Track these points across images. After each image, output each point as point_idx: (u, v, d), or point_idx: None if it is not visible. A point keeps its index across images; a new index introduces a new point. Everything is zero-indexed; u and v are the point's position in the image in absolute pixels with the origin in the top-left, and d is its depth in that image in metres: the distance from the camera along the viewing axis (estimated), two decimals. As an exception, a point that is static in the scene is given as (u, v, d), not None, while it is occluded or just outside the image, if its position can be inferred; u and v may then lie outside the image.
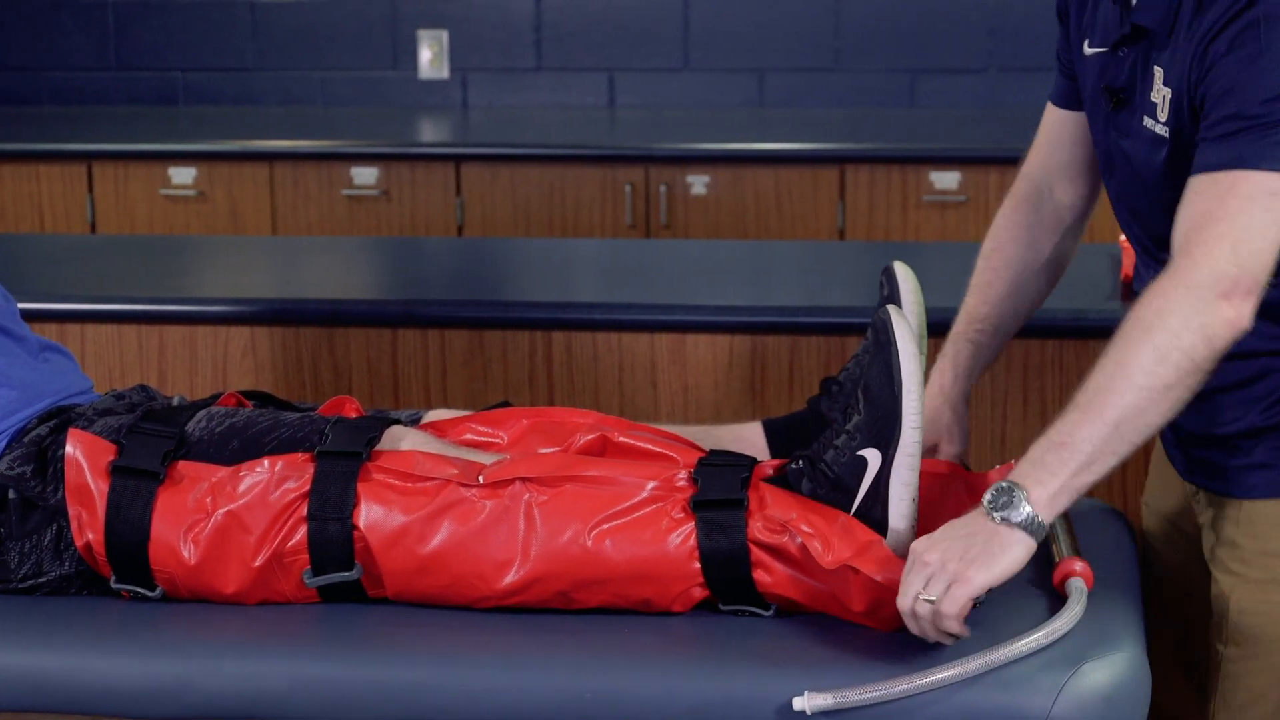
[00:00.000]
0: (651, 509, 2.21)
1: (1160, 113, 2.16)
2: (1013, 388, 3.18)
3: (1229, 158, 2.04)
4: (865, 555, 2.13)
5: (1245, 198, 2.03)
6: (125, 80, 6.01)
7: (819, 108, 5.65)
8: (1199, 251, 2.04)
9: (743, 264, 3.78)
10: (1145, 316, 2.04)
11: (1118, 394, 2.04)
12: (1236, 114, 2.04)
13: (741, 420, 2.64)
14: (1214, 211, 2.04)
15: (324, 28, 5.90)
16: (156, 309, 3.38)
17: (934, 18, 5.63)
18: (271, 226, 5.24)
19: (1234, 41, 2.05)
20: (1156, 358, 2.03)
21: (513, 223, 5.17)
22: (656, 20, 5.77)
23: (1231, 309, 2.03)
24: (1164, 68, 2.15)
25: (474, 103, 5.88)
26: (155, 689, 2.16)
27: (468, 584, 2.22)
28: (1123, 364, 2.04)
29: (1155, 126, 2.17)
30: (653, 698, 2.10)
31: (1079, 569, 2.22)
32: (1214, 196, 2.05)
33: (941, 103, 5.63)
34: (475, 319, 3.32)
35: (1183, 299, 2.03)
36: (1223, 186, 2.04)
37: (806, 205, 5.04)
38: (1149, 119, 2.18)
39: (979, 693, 2.05)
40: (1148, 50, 2.19)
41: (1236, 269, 2.03)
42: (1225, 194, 2.04)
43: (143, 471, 2.27)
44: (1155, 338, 2.03)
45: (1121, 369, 2.04)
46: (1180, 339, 2.03)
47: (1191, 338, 2.03)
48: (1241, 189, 2.04)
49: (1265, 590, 2.27)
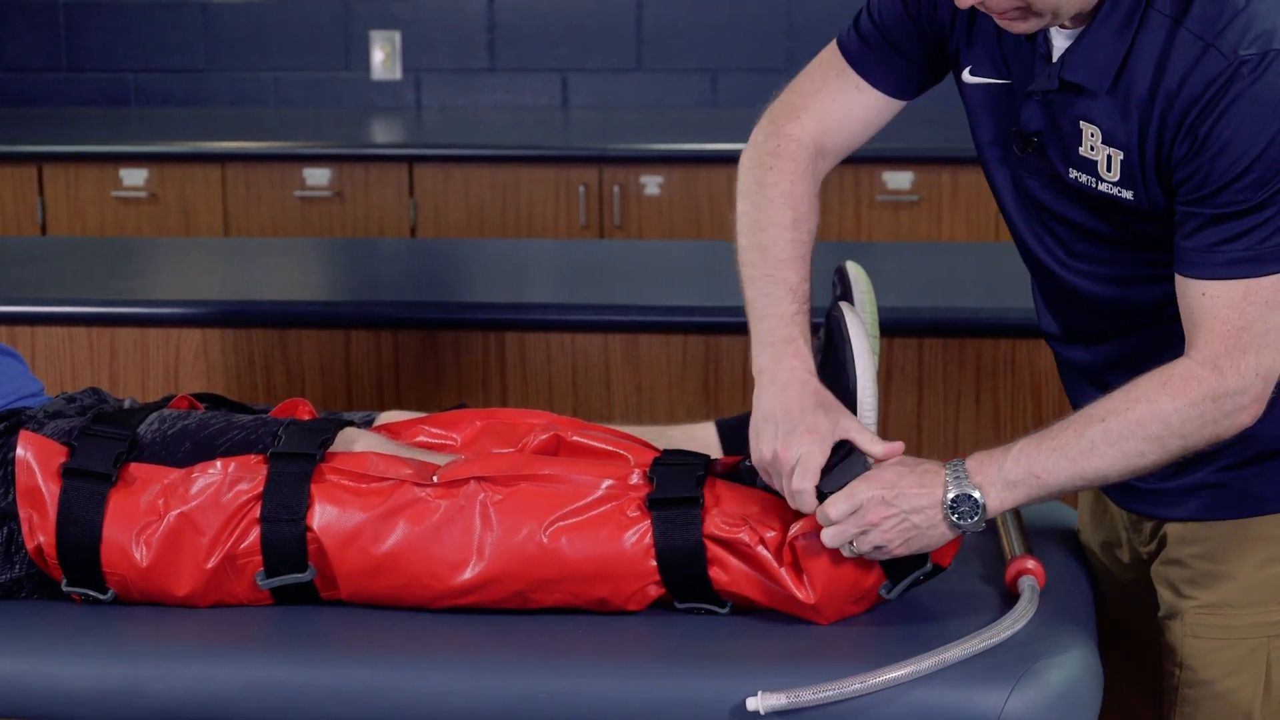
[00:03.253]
0: (607, 507, 2.21)
1: (1105, 171, 2.10)
2: (965, 388, 3.20)
3: (1240, 265, 2.02)
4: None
5: (1262, 304, 2.03)
6: (76, 81, 5.98)
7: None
8: (1226, 365, 2.04)
9: (696, 264, 3.78)
10: (1165, 415, 2.05)
11: (1105, 462, 2.07)
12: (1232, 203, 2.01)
13: (695, 420, 2.64)
14: (1234, 320, 2.03)
15: (276, 28, 5.88)
16: (108, 311, 3.37)
17: (886, 18, 5.64)
18: (224, 228, 5.23)
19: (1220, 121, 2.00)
20: (1159, 451, 2.07)
21: (466, 223, 5.17)
22: (609, 21, 5.77)
23: (1248, 416, 2.07)
24: (1100, 125, 2.09)
25: (427, 103, 5.88)
26: (106, 693, 2.15)
27: (422, 584, 2.22)
28: (1124, 444, 2.05)
29: (1101, 185, 2.11)
30: (607, 698, 2.10)
31: (1031, 567, 2.23)
32: (1230, 304, 2.03)
33: (894, 103, 5.64)
34: (428, 320, 3.32)
35: (1207, 412, 2.05)
36: (1237, 294, 2.03)
37: (760, 205, 5.03)
38: (1083, 174, 2.12)
39: (932, 691, 2.05)
40: (1072, 104, 2.11)
41: (1262, 382, 2.05)
42: (1242, 302, 2.03)
43: (94, 473, 2.25)
44: (1166, 441, 2.06)
45: (1120, 448, 2.06)
46: (1189, 443, 2.07)
47: (1200, 442, 2.07)
48: (1256, 295, 2.03)
49: (1218, 613, 2.27)
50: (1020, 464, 2.08)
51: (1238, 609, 2.25)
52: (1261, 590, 2.24)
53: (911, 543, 2.10)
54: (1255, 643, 2.25)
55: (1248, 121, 1.98)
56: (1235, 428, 2.07)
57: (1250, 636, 2.25)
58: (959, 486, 2.08)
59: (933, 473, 2.10)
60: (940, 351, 3.20)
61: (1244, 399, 2.05)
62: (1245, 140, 1.98)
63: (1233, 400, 2.04)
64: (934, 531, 2.10)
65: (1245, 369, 2.04)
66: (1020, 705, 2.04)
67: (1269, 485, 2.22)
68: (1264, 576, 2.24)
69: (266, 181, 5.22)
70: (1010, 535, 2.34)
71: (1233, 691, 2.26)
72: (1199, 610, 2.27)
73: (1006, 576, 2.24)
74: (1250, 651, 2.25)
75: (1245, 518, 2.24)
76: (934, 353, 3.20)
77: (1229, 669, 2.26)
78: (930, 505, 2.09)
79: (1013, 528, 2.35)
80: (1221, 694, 2.27)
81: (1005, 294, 3.32)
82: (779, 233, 2.31)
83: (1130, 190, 2.09)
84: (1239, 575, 2.25)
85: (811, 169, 2.35)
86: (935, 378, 3.21)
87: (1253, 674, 2.25)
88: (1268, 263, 2.02)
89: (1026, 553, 2.27)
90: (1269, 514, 2.23)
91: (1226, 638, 2.26)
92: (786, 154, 2.34)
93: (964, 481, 2.08)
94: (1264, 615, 2.24)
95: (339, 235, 5.19)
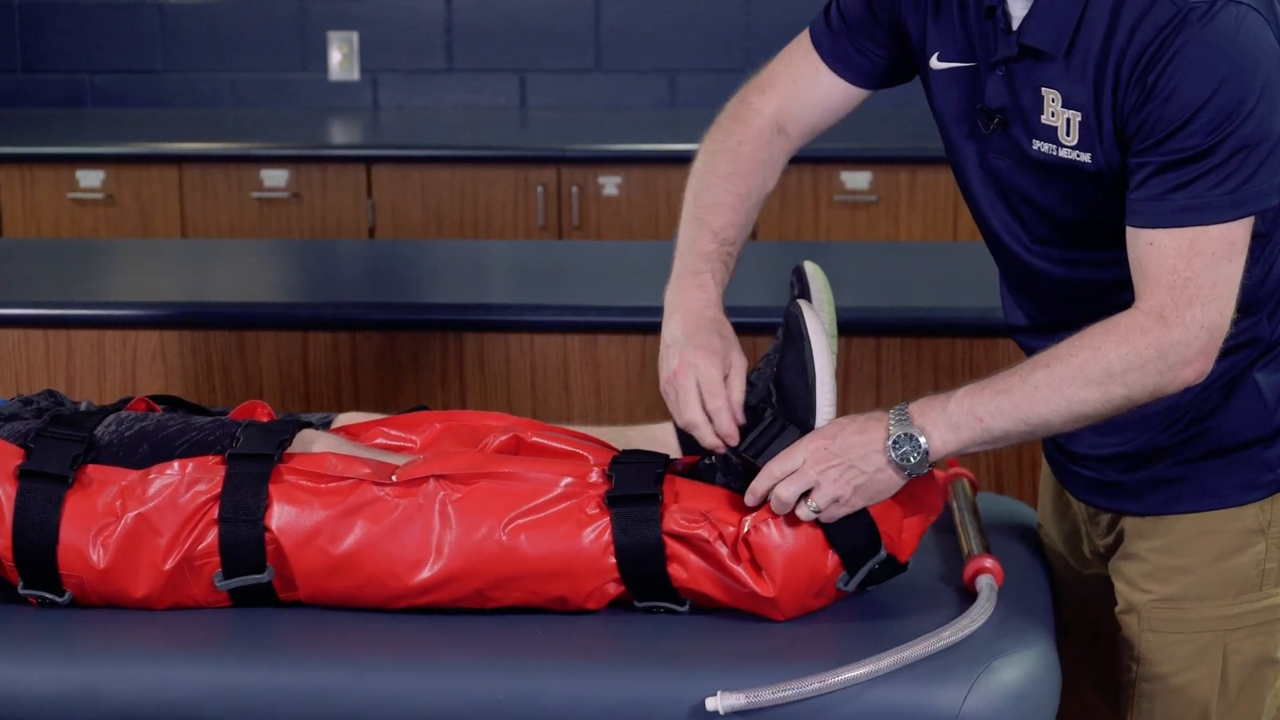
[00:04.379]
0: (566, 505, 2.21)
1: (1065, 136, 2.12)
2: (923, 386, 3.20)
3: (1187, 213, 2.04)
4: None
5: (1209, 255, 2.04)
6: (32, 82, 5.96)
7: (730, 109, 5.66)
8: (1172, 316, 2.05)
9: (655, 265, 3.76)
10: (1109, 361, 2.06)
11: (1049, 408, 2.08)
12: (1180, 150, 2.03)
13: (654, 420, 2.64)
14: (1180, 270, 2.04)
15: (233, 29, 5.87)
16: (64, 313, 3.35)
17: (844, 19, 5.66)
18: (181, 229, 5.21)
19: (1168, 68, 2.02)
20: (1102, 399, 2.07)
21: (424, 224, 5.16)
22: (567, 21, 5.77)
23: (1193, 371, 2.07)
24: (1060, 89, 2.12)
25: (385, 104, 5.87)
26: (63, 696, 2.14)
27: (381, 583, 2.21)
28: (1067, 388, 2.07)
29: (1061, 151, 2.13)
30: (566, 699, 2.10)
31: (989, 566, 2.24)
32: (1177, 254, 2.05)
33: (852, 103, 5.65)
34: (386, 321, 3.32)
35: (1150, 361, 2.05)
36: (1184, 244, 2.04)
37: (718, 206, 5.04)
38: (1043, 143, 2.15)
39: (891, 690, 2.06)
40: (1033, 71, 2.15)
41: (1207, 334, 2.05)
42: (1189, 252, 2.04)
43: (51, 475, 2.24)
44: (1109, 388, 2.06)
45: (1063, 392, 2.07)
46: (1132, 392, 2.07)
47: (1144, 393, 2.07)
48: (1203, 246, 2.04)
49: (1174, 607, 2.28)
50: (964, 406, 2.10)
51: (1194, 602, 2.26)
52: (1217, 584, 2.25)
53: (863, 490, 2.11)
54: (1211, 636, 2.26)
55: (1195, 67, 2.01)
56: (1180, 382, 2.07)
57: (1206, 630, 2.26)
58: (901, 427, 2.10)
59: (875, 419, 2.13)
60: (898, 351, 3.21)
61: (1188, 351, 2.05)
62: (1193, 86, 2.01)
63: (1177, 352, 2.05)
64: (881, 476, 2.11)
65: (1190, 320, 2.05)
66: (979, 703, 2.05)
67: (1225, 480, 2.24)
68: (1220, 570, 2.25)
69: (224, 183, 5.20)
70: (968, 534, 2.34)
71: (1189, 685, 2.27)
72: (1155, 604, 2.28)
73: (964, 575, 2.25)
74: (1206, 645, 2.26)
75: (1202, 511, 2.25)
76: (892, 352, 3.21)
77: (1185, 663, 2.27)
78: (874, 449, 2.10)
79: (971, 526, 2.36)
80: (1178, 688, 2.28)
81: (962, 294, 3.34)
82: (713, 181, 2.40)
83: (1089, 153, 2.11)
84: (1195, 569, 2.26)
85: (767, 138, 2.41)
86: (893, 377, 3.22)
87: (1209, 668, 2.27)
88: (1216, 211, 2.03)
89: (984, 551, 2.28)
90: (1225, 508, 2.25)
91: (1183, 631, 2.27)
92: (742, 119, 2.42)
93: (906, 423, 2.10)
94: (1220, 609, 2.26)
95: (297, 236, 5.18)
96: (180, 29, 5.88)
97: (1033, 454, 3.10)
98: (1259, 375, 2.22)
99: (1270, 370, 2.22)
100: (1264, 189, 2.04)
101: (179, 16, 5.87)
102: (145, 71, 5.92)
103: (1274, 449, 2.24)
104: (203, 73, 5.90)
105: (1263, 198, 2.05)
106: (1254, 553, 2.25)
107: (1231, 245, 2.05)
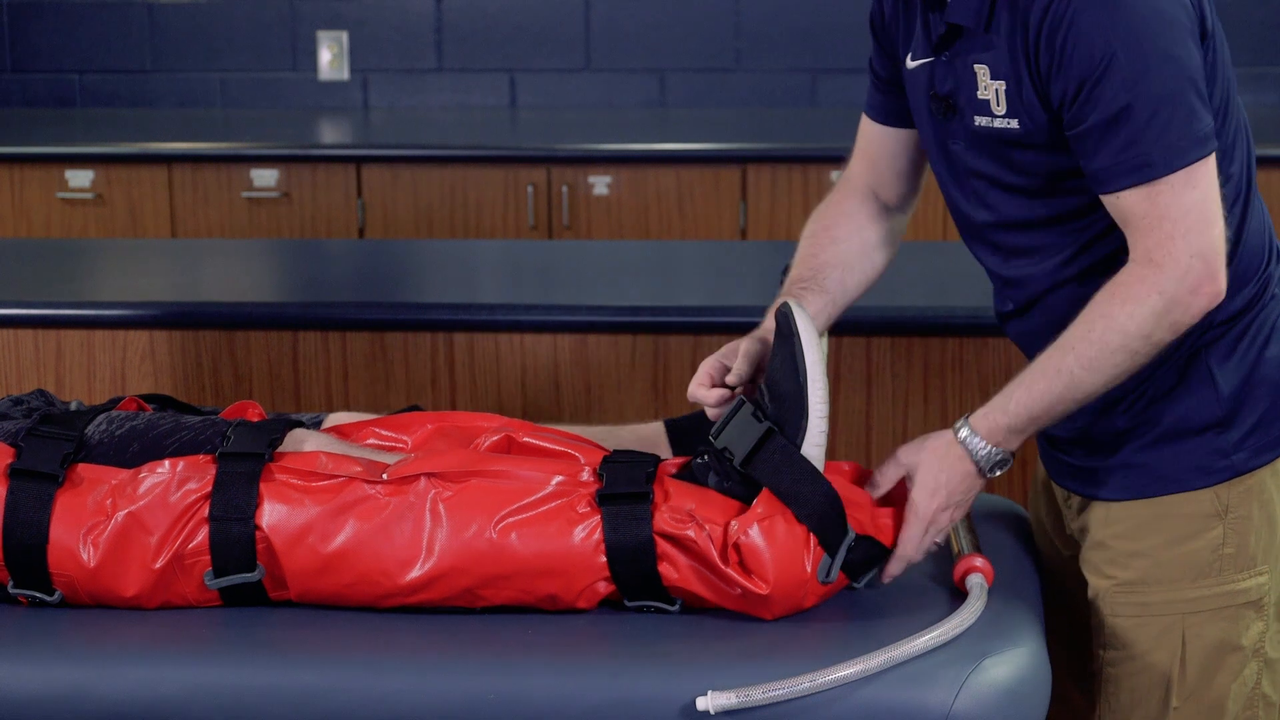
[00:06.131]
0: (557, 503, 2.21)
1: (996, 107, 2.21)
2: (914, 386, 3.21)
3: (1138, 170, 2.11)
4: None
5: (1170, 193, 2.11)
6: (21, 82, 5.95)
7: (720, 108, 5.67)
8: (1160, 255, 2.12)
9: (645, 264, 3.79)
10: (1123, 324, 2.14)
11: (1090, 387, 2.19)
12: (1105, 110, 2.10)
13: (644, 420, 2.64)
14: (1152, 213, 2.12)
15: (222, 29, 5.86)
16: (53, 313, 3.35)
17: (834, 17, 5.66)
18: (171, 229, 5.20)
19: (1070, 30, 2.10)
20: (1130, 358, 2.16)
21: (414, 224, 5.16)
22: (557, 20, 5.77)
23: (1204, 297, 2.13)
24: (987, 63, 2.20)
25: (374, 104, 5.86)
26: (53, 696, 2.14)
27: (372, 581, 2.21)
28: (1099, 365, 2.16)
29: (994, 122, 2.22)
30: (557, 698, 2.10)
31: (979, 565, 2.24)
32: (1145, 200, 2.12)
33: (843, 102, 5.66)
34: (377, 321, 3.31)
35: (1158, 308, 2.12)
36: (1143, 196, 2.12)
37: (709, 205, 5.05)
38: (981, 117, 2.23)
39: (881, 689, 2.06)
40: (966, 50, 2.23)
41: (1200, 261, 2.11)
42: (1152, 196, 2.11)
43: (41, 474, 2.24)
44: (1134, 345, 2.14)
45: (1097, 369, 2.17)
46: (1153, 338, 2.14)
47: (1168, 334, 2.15)
48: (1163, 188, 2.11)
49: (1135, 591, 2.30)
50: (1021, 414, 2.21)
51: (1152, 586, 2.30)
52: (1174, 568, 2.29)
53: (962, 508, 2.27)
54: (1170, 619, 2.29)
55: (1095, 23, 2.09)
56: (1197, 310, 2.14)
57: (1165, 613, 2.30)
58: (990, 457, 2.23)
59: (955, 454, 2.24)
60: (888, 350, 3.21)
61: (1189, 282, 2.12)
62: (1097, 41, 2.09)
63: (1177, 286, 2.11)
64: (973, 494, 2.27)
65: (1179, 254, 2.11)
66: (969, 702, 2.05)
67: (1179, 464, 2.28)
68: (1176, 554, 2.29)
69: (214, 182, 5.20)
70: (959, 533, 2.35)
71: (1151, 668, 2.31)
72: (1118, 589, 2.32)
73: (955, 574, 2.25)
74: (1166, 629, 2.30)
75: (1158, 496, 2.29)
76: (882, 351, 3.21)
77: (1147, 646, 2.30)
78: (976, 484, 2.25)
79: (961, 525, 2.36)
80: (1140, 671, 2.31)
81: (953, 293, 3.34)
82: (800, 243, 2.53)
83: (1015, 119, 2.20)
84: (1152, 553, 2.30)
85: (857, 202, 2.53)
86: (884, 376, 3.22)
87: (1169, 651, 2.30)
88: (1164, 164, 2.10)
89: (975, 550, 2.28)
90: (1180, 492, 2.29)
91: (1143, 615, 2.31)
92: (836, 190, 2.55)
93: (984, 446, 2.23)
94: (1178, 592, 2.29)
95: (287, 236, 5.17)
96: (169, 28, 5.87)
97: (1022, 453, 3.11)
98: (1212, 361, 2.26)
99: (1223, 355, 2.27)
100: (1198, 134, 2.11)
101: (168, 16, 5.87)
102: (134, 71, 5.91)
103: (1228, 434, 2.27)
104: (192, 72, 5.90)
105: (1200, 144, 2.11)
106: (1211, 537, 2.28)
107: (1190, 185, 2.11)
